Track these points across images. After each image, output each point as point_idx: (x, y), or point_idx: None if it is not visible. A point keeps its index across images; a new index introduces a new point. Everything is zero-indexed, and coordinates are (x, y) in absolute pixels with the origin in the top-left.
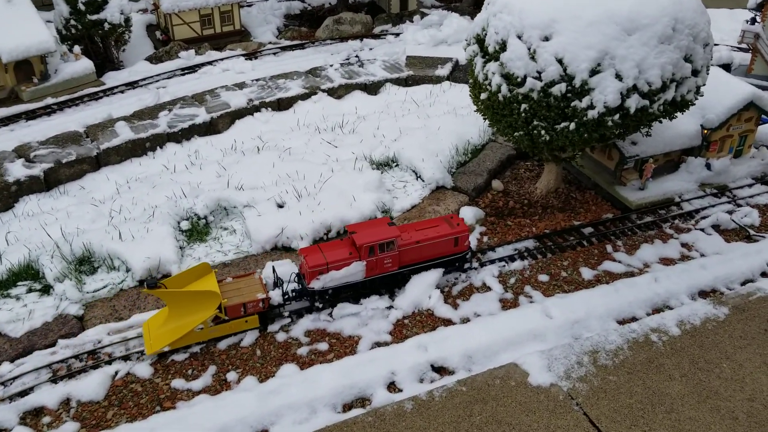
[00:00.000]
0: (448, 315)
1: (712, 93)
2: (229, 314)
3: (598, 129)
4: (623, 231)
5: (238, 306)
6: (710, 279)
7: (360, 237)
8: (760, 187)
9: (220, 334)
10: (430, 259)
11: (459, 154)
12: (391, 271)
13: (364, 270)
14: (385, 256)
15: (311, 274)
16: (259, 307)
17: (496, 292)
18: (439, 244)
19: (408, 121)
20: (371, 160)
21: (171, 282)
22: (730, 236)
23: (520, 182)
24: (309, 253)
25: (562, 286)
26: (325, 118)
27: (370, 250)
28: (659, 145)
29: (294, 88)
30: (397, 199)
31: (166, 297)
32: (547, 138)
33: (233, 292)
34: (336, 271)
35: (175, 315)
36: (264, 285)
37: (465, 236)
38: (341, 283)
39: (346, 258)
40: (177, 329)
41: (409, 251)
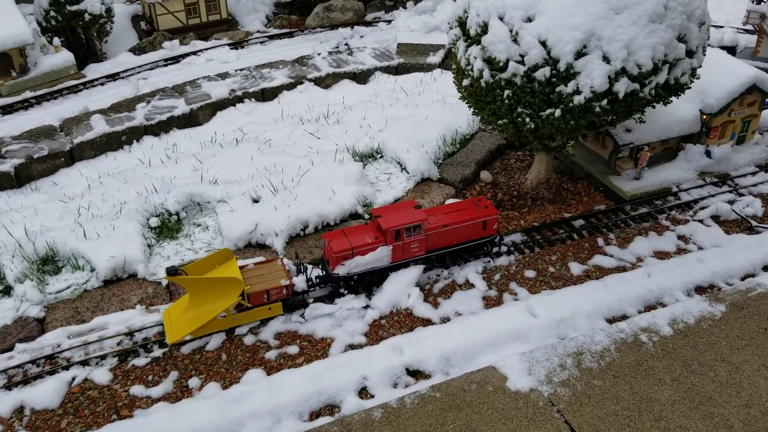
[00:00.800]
0: (428, 314)
1: (712, 76)
2: (252, 301)
3: (586, 116)
4: (616, 223)
5: (261, 293)
6: (708, 274)
7: (386, 221)
8: (764, 175)
9: (243, 322)
10: (457, 244)
11: (446, 145)
12: (418, 256)
13: (390, 255)
14: (412, 241)
15: (336, 259)
16: (283, 294)
17: (479, 289)
18: (467, 228)
19: (396, 110)
20: (354, 151)
21: (192, 268)
22: (730, 227)
23: (510, 173)
24: (333, 238)
25: (549, 282)
26: (311, 108)
27: (396, 234)
28: (655, 132)
29: (279, 77)
30: (380, 192)
31: (187, 284)
32: (532, 126)
33: (256, 278)
34: (361, 256)
35: (197, 302)
36: (287, 271)
37: (494, 219)
38: (367, 268)
39: (371, 243)
40: (199, 317)
41: (437, 235)
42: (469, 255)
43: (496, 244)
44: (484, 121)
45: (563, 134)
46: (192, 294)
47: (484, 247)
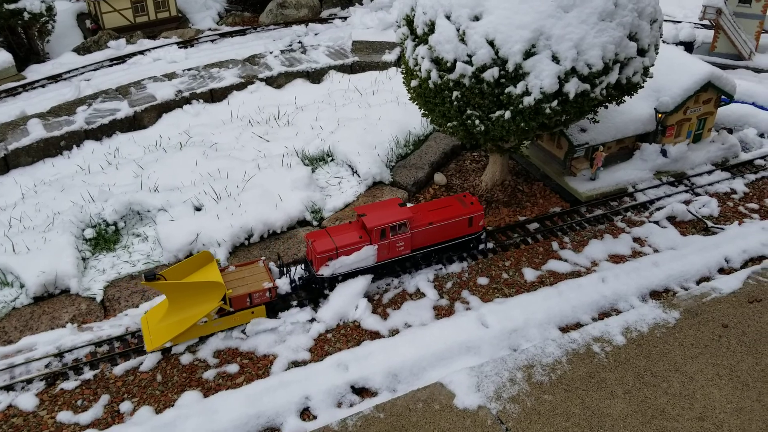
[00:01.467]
0: (376, 327)
1: (667, 74)
2: (235, 305)
3: (536, 117)
4: (571, 226)
5: (244, 297)
6: (663, 278)
7: (370, 219)
8: (720, 174)
9: (224, 327)
10: (443, 241)
11: (400, 146)
12: (404, 255)
13: (376, 254)
14: (398, 239)
15: (320, 260)
16: (266, 297)
17: (429, 298)
18: (453, 225)
19: (348, 111)
20: (304, 155)
21: (171, 273)
22: (686, 229)
23: (465, 175)
24: (317, 238)
25: (502, 290)
26: (261, 109)
27: (382, 233)
28: (610, 131)
29: (229, 77)
30: (330, 197)
31: (166, 290)
32: (482, 128)
33: (237, 281)
34: (346, 256)
35: (177, 308)
36: (270, 273)
37: (479, 216)
38: (352, 268)
39: (356, 242)
40: (179, 323)
41: (423, 233)
42: (455, 252)
43: (482, 240)
44: (434, 123)
45: (515, 136)
46: (171, 299)
47: (470, 244)
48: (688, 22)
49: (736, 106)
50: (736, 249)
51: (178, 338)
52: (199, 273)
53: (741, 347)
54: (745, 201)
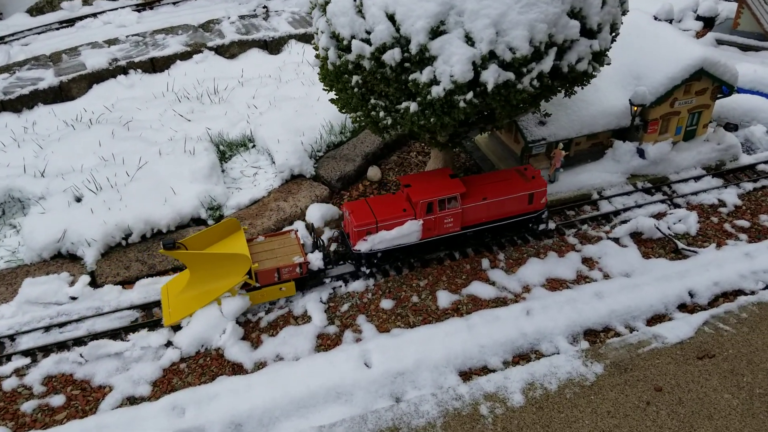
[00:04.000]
0: (241, 358)
1: (651, 57)
2: (261, 281)
3: (452, 111)
4: (512, 239)
5: (272, 271)
6: (604, 313)
7: (416, 191)
8: (710, 181)
9: (251, 303)
10: (498, 219)
11: (333, 133)
12: (453, 232)
13: (421, 231)
14: (446, 215)
15: (357, 233)
16: (296, 272)
17: (315, 324)
18: (511, 201)
19: (291, 88)
20: (222, 139)
21: (193, 241)
22: (652, 249)
23: (406, 169)
24: (355, 209)
25: (406, 317)
26: (201, 82)
27: (428, 207)
28: (575, 125)
29: (174, 45)
30: (239, 191)
31: (186, 259)
32: (388, 122)
33: (266, 254)
34: (387, 231)
35: (198, 280)
36: (302, 246)
37: (542, 192)
38: (393, 245)
39: (399, 215)
40: (200, 297)
41: (475, 209)
42: (511, 232)
43: (543, 220)
44: (341, 110)
45: (426, 132)
46: (193, 270)
47: (529, 224)
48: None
49: (743, 97)
50: (705, 280)
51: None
52: (224, 243)
53: (672, 421)
54: (735, 216)
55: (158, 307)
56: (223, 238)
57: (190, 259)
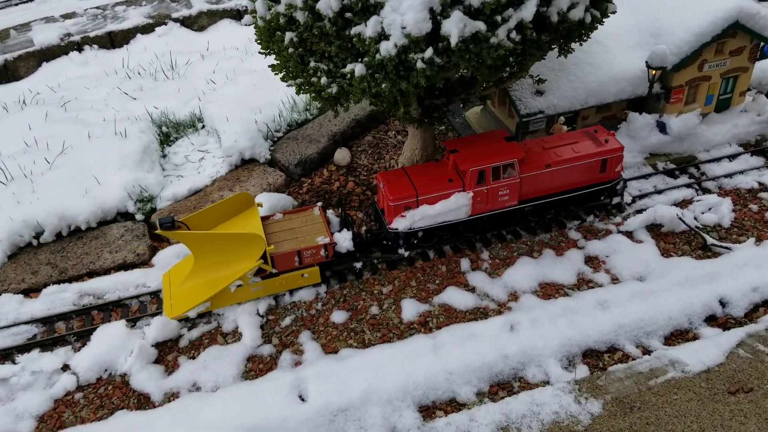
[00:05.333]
0: (149, 387)
1: (674, 10)
2: (278, 266)
3: (408, 75)
4: (500, 234)
5: (291, 255)
6: (609, 328)
7: (464, 158)
8: (748, 160)
9: (267, 293)
10: (564, 191)
11: (296, 110)
12: (509, 207)
13: (470, 205)
14: (501, 186)
15: (394, 209)
16: (321, 255)
17: (245, 344)
18: (580, 169)
19: (258, 60)
20: (167, 119)
21: (196, 219)
22: (675, 245)
23: (381, 151)
24: (391, 180)
25: (361, 334)
26: (161, 57)
27: (480, 176)
28: (579, 95)
29: (135, 17)
30: (179, 180)
31: (188, 241)
32: (333, 90)
33: (284, 234)
34: (429, 205)
35: (203, 266)
36: (327, 224)
37: (617, 158)
38: (436, 222)
39: (444, 187)
40: (205, 286)
41: (536, 179)
42: (578, 207)
43: (617, 192)
44: (282, 80)
45: (391, 103)
46: (197, 254)
47: (601, 197)
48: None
49: None
50: (742, 284)
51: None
52: (234, 221)
53: None
54: None
55: (61, 321)
56: (233, 215)
57: (193, 241)
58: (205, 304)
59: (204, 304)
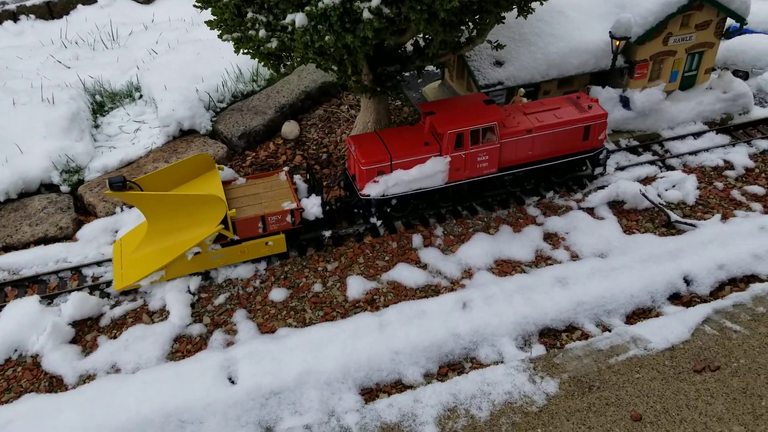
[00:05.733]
0: (62, 369)
1: None
2: (241, 232)
3: (354, 27)
4: (455, 210)
5: (254, 220)
6: (567, 305)
7: (442, 120)
8: (713, 138)
9: (226, 263)
10: (546, 159)
11: (242, 80)
12: (487, 174)
13: (447, 170)
14: (480, 151)
15: (366, 173)
16: (287, 222)
17: (172, 322)
18: (562, 136)
19: (204, 32)
20: (102, 88)
21: (150, 180)
22: (638, 222)
23: (332, 125)
24: (363, 144)
25: (302, 313)
26: (101, 28)
27: (458, 139)
28: (540, 66)
29: None
30: (111, 150)
31: (141, 203)
32: (273, 45)
33: (247, 199)
34: (404, 170)
35: (157, 231)
36: (294, 189)
37: (600, 125)
38: (411, 189)
39: (419, 150)
40: (160, 254)
41: (516, 145)
42: (559, 176)
43: (600, 162)
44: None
45: (337, 62)
46: (151, 219)
47: (583, 166)
48: None
49: (755, 37)
50: (707, 261)
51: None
52: (193, 184)
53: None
54: (745, 182)
55: None
56: (192, 178)
57: (146, 203)
58: (159, 273)
59: (158, 273)
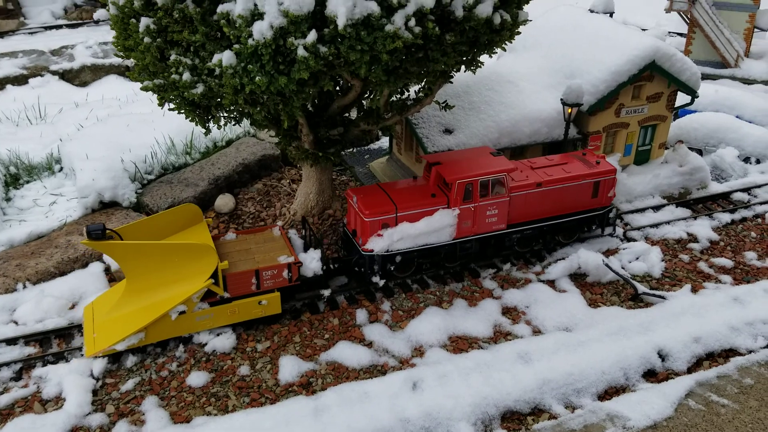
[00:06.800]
0: None
1: (590, 51)
2: (232, 289)
3: (289, 68)
4: (405, 283)
5: (248, 275)
6: (532, 384)
7: (449, 170)
8: (674, 211)
9: (214, 325)
10: (555, 216)
11: (174, 152)
12: (496, 231)
13: (455, 224)
14: (489, 204)
15: (370, 225)
16: (284, 278)
17: (68, 412)
18: (572, 191)
19: (140, 106)
20: (18, 160)
21: (133, 231)
22: (603, 295)
23: (272, 199)
24: (366, 195)
25: (224, 399)
26: (28, 107)
27: (466, 190)
28: (492, 134)
29: (7, 67)
30: (20, 224)
31: (120, 254)
32: (199, 90)
33: (238, 254)
34: (410, 223)
35: (138, 288)
36: (290, 243)
37: (609, 181)
38: (417, 245)
39: (426, 202)
40: (140, 313)
41: (526, 199)
42: (568, 237)
43: (610, 222)
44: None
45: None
46: (130, 274)
47: (593, 226)
48: (668, 31)
49: (708, 115)
50: (681, 334)
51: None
52: (179, 237)
53: None
54: (711, 254)
55: None
56: (178, 230)
57: (127, 254)
58: (138, 335)
59: (137, 336)
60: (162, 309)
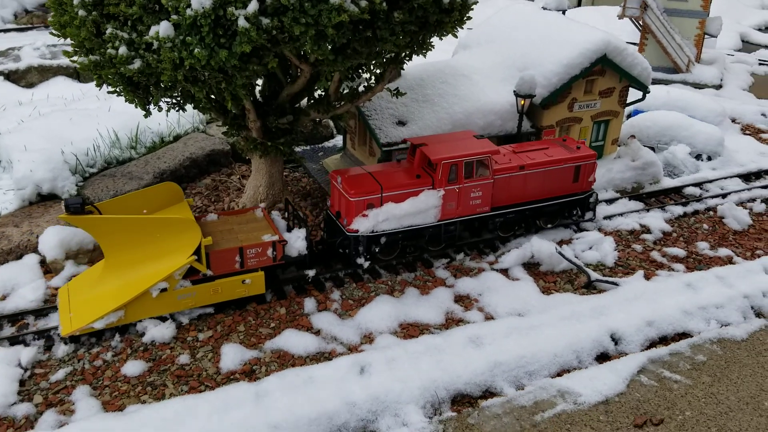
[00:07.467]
0: None
1: (542, 46)
2: (215, 267)
3: (231, 41)
4: (356, 273)
5: (231, 253)
6: (483, 367)
7: (434, 151)
8: (627, 203)
9: (196, 304)
10: (537, 200)
11: (118, 146)
12: (480, 213)
13: (440, 205)
14: (474, 186)
15: (356, 205)
16: (268, 257)
17: None
18: (553, 175)
19: (85, 103)
20: None
21: (113, 207)
22: (557, 283)
23: (221, 194)
24: (350, 176)
25: (161, 388)
26: None
27: (451, 171)
28: (444, 125)
29: None
30: None
31: (99, 229)
32: (136, 66)
33: (221, 234)
34: (395, 203)
35: (117, 264)
36: (273, 223)
37: (590, 166)
38: (402, 225)
39: (411, 183)
40: (119, 291)
41: (509, 182)
42: (550, 222)
43: (590, 206)
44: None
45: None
46: (109, 250)
47: (574, 211)
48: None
49: (661, 113)
50: (634, 318)
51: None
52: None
53: None
54: (664, 244)
55: None
56: (158, 209)
57: (106, 229)
58: (117, 314)
59: (116, 314)
60: (142, 286)
